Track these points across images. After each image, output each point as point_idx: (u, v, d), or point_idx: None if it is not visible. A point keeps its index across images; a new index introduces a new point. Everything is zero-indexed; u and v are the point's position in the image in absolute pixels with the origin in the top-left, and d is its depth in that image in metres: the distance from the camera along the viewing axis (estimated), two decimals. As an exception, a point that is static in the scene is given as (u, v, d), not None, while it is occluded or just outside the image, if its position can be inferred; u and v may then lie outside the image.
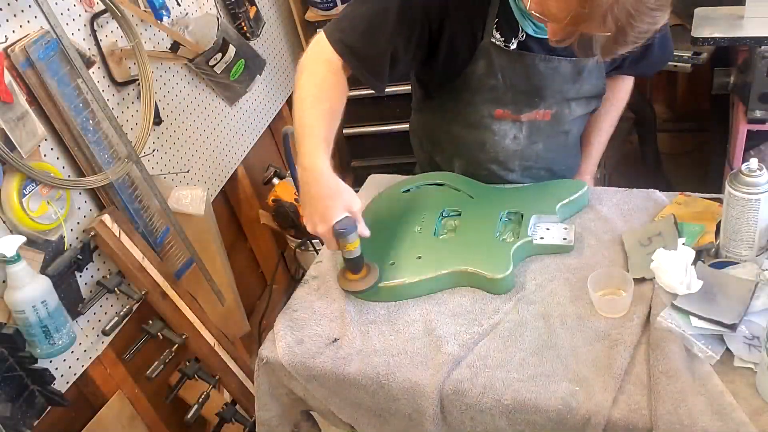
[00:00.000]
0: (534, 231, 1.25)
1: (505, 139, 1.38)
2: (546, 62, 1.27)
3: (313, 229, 1.14)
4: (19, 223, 1.32)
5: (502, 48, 1.25)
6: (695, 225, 1.19)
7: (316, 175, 1.12)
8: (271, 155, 2.68)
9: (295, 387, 1.18)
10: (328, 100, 1.18)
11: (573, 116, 1.39)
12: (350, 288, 1.20)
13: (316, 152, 1.13)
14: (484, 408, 1.01)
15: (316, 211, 1.13)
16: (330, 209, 1.12)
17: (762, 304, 1.01)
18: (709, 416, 0.89)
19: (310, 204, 1.14)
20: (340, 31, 1.21)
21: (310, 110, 1.16)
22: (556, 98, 1.33)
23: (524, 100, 1.32)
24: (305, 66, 1.21)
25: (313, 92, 1.18)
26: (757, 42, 1.71)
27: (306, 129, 1.15)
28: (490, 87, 1.30)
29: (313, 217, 1.13)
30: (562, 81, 1.30)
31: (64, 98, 1.42)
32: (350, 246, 1.14)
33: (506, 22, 1.23)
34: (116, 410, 1.66)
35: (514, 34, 1.24)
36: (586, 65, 1.29)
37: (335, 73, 1.21)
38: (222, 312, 2.03)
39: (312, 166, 1.13)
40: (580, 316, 1.10)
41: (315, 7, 2.61)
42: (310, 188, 1.13)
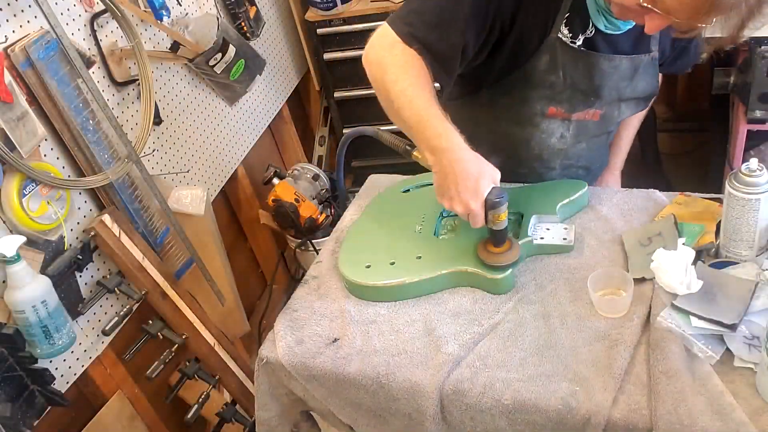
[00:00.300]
0: (534, 231, 1.25)
1: (551, 138, 1.36)
2: (609, 60, 1.26)
3: (465, 207, 1.10)
4: (19, 223, 1.32)
5: (568, 45, 1.23)
6: (695, 225, 1.19)
7: (458, 154, 1.09)
8: (271, 155, 2.68)
9: (295, 387, 1.18)
10: (427, 85, 1.14)
11: (621, 117, 1.38)
12: (496, 262, 1.16)
13: (449, 132, 1.10)
14: (484, 408, 1.01)
15: (467, 188, 1.09)
16: (480, 183, 1.09)
17: (762, 304, 1.01)
18: (709, 416, 0.89)
19: (456, 183, 1.09)
20: (409, 25, 1.16)
21: (418, 97, 1.12)
22: (611, 97, 1.32)
23: (580, 99, 1.30)
24: (384, 60, 1.16)
25: (411, 81, 1.13)
26: (757, 42, 1.71)
27: (424, 113, 1.11)
28: (550, 83, 1.27)
29: (463, 195, 1.09)
30: (619, 79, 1.29)
31: (64, 98, 1.42)
32: (502, 216, 1.12)
33: (578, 16, 1.21)
34: (116, 410, 1.66)
35: (583, 30, 1.22)
36: (641, 62, 1.29)
37: (416, 58, 1.15)
38: (222, 312, 2.03)
39: (451, 146, 1.09)
40: (580, 316, 1.10)
41: (315, 7, 2.61)
42: (453, 168, 1.09)
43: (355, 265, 1.24)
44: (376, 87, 1.18)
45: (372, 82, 1.20)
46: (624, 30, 1.23)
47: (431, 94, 1.14)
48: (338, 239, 1.37)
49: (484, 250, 1.18)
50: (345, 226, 1.41)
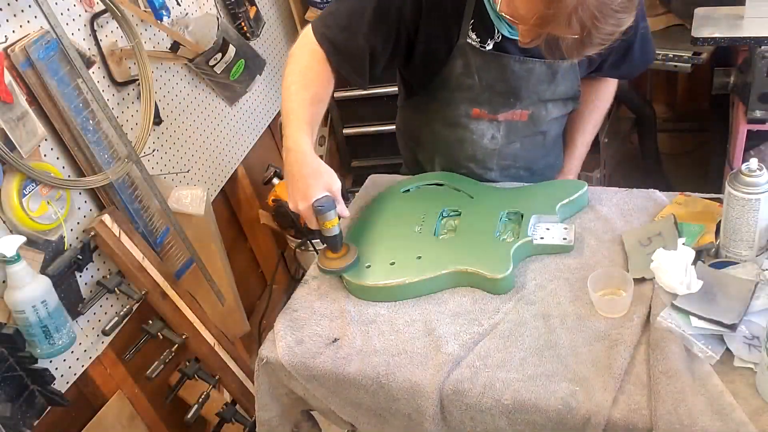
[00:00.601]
0: (534, 231, 1.25)
1: (483, 139, 1.41)
2: (521, 63, 1.29)
3: (294, 206, 1.18)
4: (19, 223, 1.32)
5: (478, 49, 1.28)
6: (695, 225, 1.19)
7: (299, 156, 1.17)
8: (271, 155, 2.68)
9: (295, 387, 1.18)
10: (312, 87, 1.24)
11: (550, 117, 1.41)
12: (329, 267, 1.23)
13: (298, 134, 1.18)
14: (484, 408, 1.01)
15: (298, 189, 1.17)
16: (311, 188, 1.16)
17: (762, 304, 1.01)
18: (709, 416, 0.89)
19: (292, 183, 1.18)
20: (325, 26, 1.26)
21: (295, 96, 1.22)
22: (531, 99, 1.35)
23: (501, 101, 1.35)
24: (292, 55, 1.27)
25: (297, 80, 1.24)
26: (757, 42, 1.71)
27: (290, 113, 1.21)
28: (468, 86, 1.33)
29: (295, 195, 1.17)
30: (537, 82, 1.33)
31: (64, 98, 1.42)
32: (329, 224, 1.18)
33: (482, 23, 1.26)
34: (116, 410, 1.66)
35: (490, 36, 1.27)
36: (560, 67, 1.32)
37: (320, 62, 1.26)
38: (222, 312, 2.03)
39: (295, 147, 1.17)
40: (580, 316, 1.10)
41: (315, 7, 2.61)
42: (292, 168, 1.17)
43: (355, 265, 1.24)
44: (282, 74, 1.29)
45: None
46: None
47: (310, 96, 1.23)
48: (338, 239, 1.37)
49: (323, 256, 1.25)
50: (345, 227, 1.41)
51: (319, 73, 1.25)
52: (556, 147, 1.55)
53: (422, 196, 1.39)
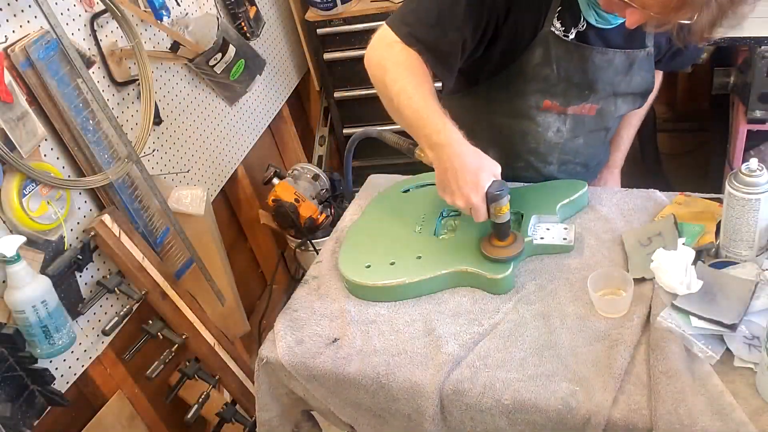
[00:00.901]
0: (534, 231, 1.25)
1: (548, 132, 1.37)
2: (602, 54, 1.27)
3: (466, 201, 1.12)
4: (19, 223, 1.32)
5: (561, 38, 1.25)
6: (695, 225, 1.19)
7: (457, 149, 1.11)
8: (271, 155, 2.68)
9: (295, 387, 1.18)
10: (426, 83, 1.17)
11: (617, 113, 1.40)
12: (499, 255, 1.17)
13: (447, 127, 1.12)
14: (484, 408, 1.01)
15: (466, 183, 1.10)
16: (480, 177, 1.11)
17: (762, 304, 1.01)
18: (709, 416, 0.89)
19: (456, 178, 1.11)
20: (408, 26, 1.19)
21: (417, 95, 1.15)
22: (606, 91, 1.33)
23: (575, 92, 1.32)
24: (384, 61, 1.19)
25: (410, 79, 1.16)
26: (757, 42, 1.71)
27: (423, 111, 1.14)
28: (544, 77, 1.29)
29: (463, 189, 1.11)
30: (614, 73, 1.31)
31: (64, 98, 1.42)
32: (504, 209, 1.13)
33: (569, 10, 1.23)
34: (116, 410, 1.66)
35: (575, 24, 1.24)
36: (637, 57, 1.30)
37: (417, 59, 1.19)
38: (222, 312, 2.03)
39: (449, 141, 1.11)
40: (580, 316, 1.10)
41: (315, 7, 2.61)
42: (453, 162, 1.11)
43: (355, 265, 1.24)
44: (378, 87, 1.21)
45: (374, 83, 1.22)
46: (615, 24, 1.24)
47: (430, 91, 1.16)
48: (338, 239, 1.37)
49: (488, 244, 1.19)
50: (345, 226, 1.41)
51: (422, 69, 1.19)
52: (609, 144, 1.56)
53: (422, 196, 1.39)
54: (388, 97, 1.18)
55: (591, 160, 1.49)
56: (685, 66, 1.49)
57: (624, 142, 1.59)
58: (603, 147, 1.50)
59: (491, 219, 1.15)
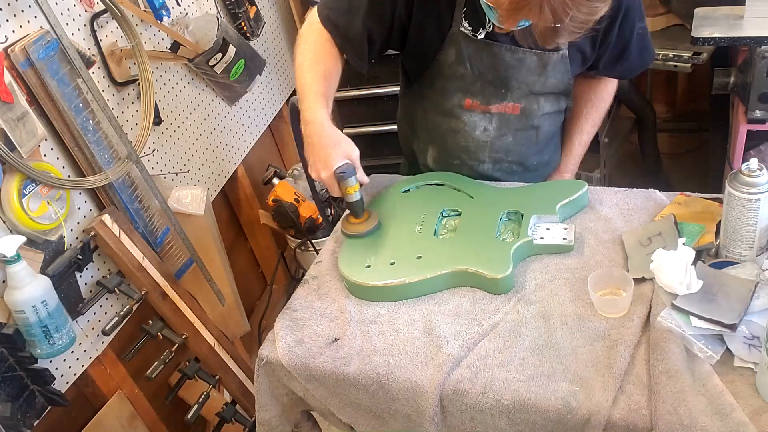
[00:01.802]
0: (534, 231, 1.25)
1: (475, 130, 1.43)
2: (512, 53, 1.31)
3: (317, 175, 1.24)
4: (19, 223, 1.32)
5: (470, 37, 1.30)
6: (695, 225, 1.19)
7: (317, 127, 1.23)
8: (271, 155, 2.68)
9: (295, 387, 1.18)
10: (323, 63, 1.31)
11: (542, 112, 1.42)
12: (352, 231, 1.30)
13: (315, 107, 1.24)
14: (484, 408, 1.01)
15: (319, 159, 1.22)
16: (331, 156, 1.21)
17: (762, 304, 1.01)
18: (709, 416, 0.89)
19: (313, 153, 1.24)
20: (327, 8, 1.34)
21: (308, 72, 1.29)
22: (522, 90, 1.37)
23: (492, 91, 1.37)
24: (301, 35, 1.35)
25: (309, 57, 1.31)
26: (757, 42, 1.71)
27: (305, 88, 1.27)
28: (460, 75, 1.35)
29: (316, 164, 1.23)
30: (527, 73, 1.34)
31: (64, 98, 1.42)
32: (351, 189, 1.24)
33: (474, 12, 1.28)
34: (116, 410, 1.66)
35: (482, 25, 1.29)
36: (551, 59, 1.33)
37: (328, 41, 1.33)
38: (222, 312, 2.03)
39: (313, 119, 1.23)
40: (580, 316, 1.10)
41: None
42: (312, 139, 1.23)
43: (355, 265, 1.24)
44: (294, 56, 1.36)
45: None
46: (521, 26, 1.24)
47: (323, 72, 1.29)
48: (338, 239, 1.37)
49: (346, 222, 1.33)
50: (345, 226, 1.41)
51: (328, 50, 1.32)
52: (551, 144, 1.56)
53: (422, 196, 1.39)
54: (294, 68, 1.33)
55: (526, 159, 1.50)
56: (632, 73, 1.51)
57: (575, 148, 1.59)
58: (537, 146, 1.50)
59: (343, 197, 1.27)
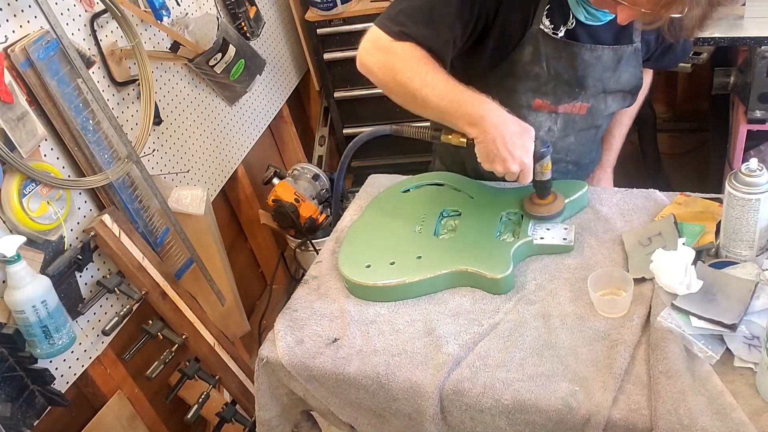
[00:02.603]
0: (534, 231, 1.25)
1: (539, 131, 1.38)
2: (591, 51, 1.28)
3: (519, 164, 1.16)
4: (19, 223, 1.32)
5: (550, 36, 1.26)
6: (695, 225, 1.19)
7: (503, 117, 1.16)
8: (271, 155, 2.68)
9: (295, 387, 1.18)
10: (438, 67, 1.19)
11: (608, 111, 1.41)
12: (541, 212, 1.26)
13: (482, 100, 1.16)
14: (484, 408, 1.01)
15: (517, 147, 1.15)
16: (528, 141, 1.17)
17: (762, 304, 1.01)
18: (709, 416, 0.89)
19: (506, 144, 1.15)
20: (399, 25, 1.19)
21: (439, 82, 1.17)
22: (596, 88, 1.34)
23: (565, 90, 1.33)
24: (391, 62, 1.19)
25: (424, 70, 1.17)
26: (757, 42, 1.71)
27: (452, 94, 1.17)
28: (534, 75, 1.30)
29: (515, 153, 1.15)
30: (602, 70, 1.32)
31: (64, 98, 1.42)
32: (548, 166, 1.21)
33: (558, 8, 1.24)
34: (116, 410, 1.66)
35: (564, 21, 1.25)
36: (624, 53, 1.31)
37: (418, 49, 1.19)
38: (222, 312, 2.03)
39: (490, 111, 1.16)
40: (580, 316, 1.10)
41: (315, 7, 2.61)
42: (501, 131, 1.15)
43: (355, 265, 1.24)
44: (388, 89, 1.22)
45: (382, 86, 1.23)
46: (604, 21, 1.25)
47: (447, 74, 1.19)
48: (338, 239, 1.37)
49: (531, 203, 1.28)
50: (345, 226, 1.41)
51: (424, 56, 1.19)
52: (600, 142, 1.56)
53: (422, 196, 1.39)
54: (409, 95, 1.19)
55: (582, 159, 1.50)
56: (674, 64, 1.51)
57: (616, 141, 1.60)
58: (594, 145, 1.51)
59: (535, 178, 1.21)
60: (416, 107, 1.21)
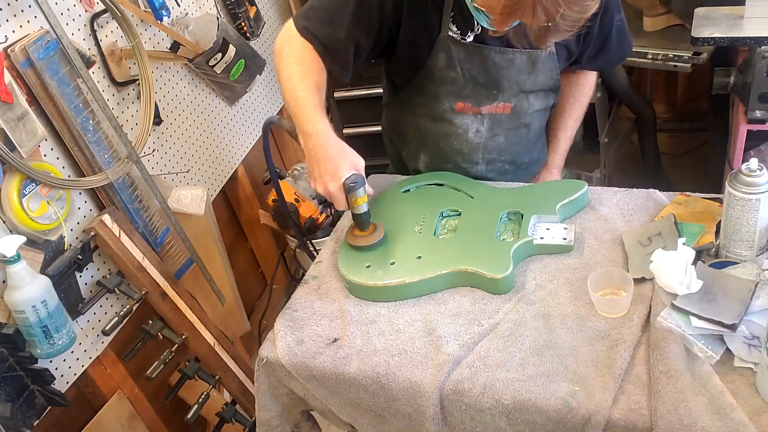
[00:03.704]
0: (534, 231, 1.25)
1: (467, 133, 1.43)
2: (501, 54, 1.32)
3: (324, 188, 1.20)
4: (19, 223, 1.32)
5: (459, 41, 1.30)
6: (695, 225, 1.19)
7: (322, 139, 1.20)
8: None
9: (295, 387, 1.18)
10: (312, 75, 1.27)
11: (532, 109, 1.44)
12: (359, 243, 1.26)
13: (316, 118, 1.21)
14: (484, 408, 1.01)
15: (326, 171, 1.19)
16: (339, 167, 1.18)
17: (762, 304, 1.01)
18: (709, 416, 0.89)
19: (318, 166, 1.20)
20: (306, 19, 1.29)
21: (299, 85, 1.25)
22: (513, 90, 1.38)
23: (483, 93, 1.37)
24: (282, 50, 1.30)
25: (297, 70, 1.27)
26: (757, 42, 1.71)
27: (300, 101, 1.24)
28: (451, 80, 1.35)
29: (323, 177, 1.19)
30: (517, 72, 1.35)
31: (64, 98, 1.42)
32: (359, 200, 1.21)
33: (461, 16, 1.28)
34: (116, 410, 1.66)
35: (470, 28, 1.29)
36: (539, 57, 1.35)
37: (311, 51, 1.29)
38: (222, 312, 2.03)
39: (316, 131, 1.20)
40: (580, 316, 1.10)
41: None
42: (317, 151, 1.20)
43: (355, 265, 1.24)
44: (276, 72, 1.33)
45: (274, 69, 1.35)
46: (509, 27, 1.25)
47: (314, 84, 1.26)
48: (338, 239, 1.37)
49: (351, 234, 1.28)
50: (345, 226, 1.41)
51: (314, 61, 1.29)
52: (540, 141, 1.58)
53: (422, 196, 1.39)
54: (280, 82, 1.29)
55: (518, 158, 1.52)
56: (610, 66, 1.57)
57: (561, 143, 1.61)
58: (527, 143, 1.52)
59: (351, 209, 1.23)
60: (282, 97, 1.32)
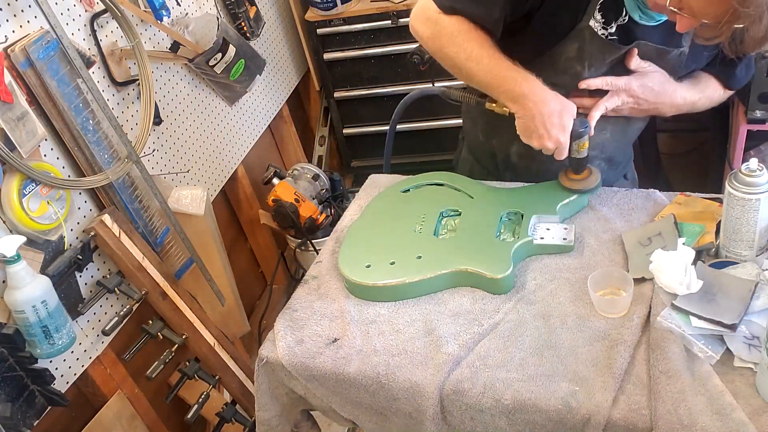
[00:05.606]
0: (534, 231, 1.25)
1: None
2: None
3: (556, 142, 1.20)
4: (19, 223, 1.32)
5: (598, 35, 1.21)
6: (695, 225, 1.19)
7: (543, 95, 1.19)
8: (271, 155, 2.68)
9: (295, 386, 1.18)
10: (486, 41, 1.22)
11: None
12: (576, 186, 1.29)
13: (526, 77, 1.19)
14: (484, 408, 1.01)
15: (554, 125, 1.19)
16: (566, 119, 1.20)
17: (762, 304, 1.01)
18: (709, 416, 0.89)
19: (544, 123, 1.19)
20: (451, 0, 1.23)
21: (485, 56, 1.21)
22: None
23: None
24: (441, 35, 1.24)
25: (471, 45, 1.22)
26: (757, 42, 1.70)
27: (496, 69, 1.21)
28: (574, 72, 1.27)
29: (553, 131, 1.19)
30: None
31: (64, 98, 1.42)
32: (585, 145, 1.24)
33: (613, 2, 1.20)
34: (116, 410, 1.66)
35: (616, 17, 1.21)
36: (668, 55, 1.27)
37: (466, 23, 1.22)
38: (222, 312, 2.03)
39: (532, 89, 1.19)
40: (580, 316, 1.10)
41: (315, 7, 2.61)
42: (540, 109, 1.19)
43: (355, 265, 1.24)
44: (438, 58, 1.28)
45: (432, 54, 1.29)
46: (660, 21, 1.21)
47: (494, 48, 1.21)
48: (338, 239, 1.37)
49: (566, 177, 1.30)
50: (345, 226, 1.41)
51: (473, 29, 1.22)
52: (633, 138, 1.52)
53: (422, 196, 1.39)
54: (456, 66, 1.25)
55: (616, 155, 1.46)
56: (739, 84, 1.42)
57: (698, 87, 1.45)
58: (627, 141, 1.47)
59: (571, 155, 1.24)
60: (462, 78, 1.27)
